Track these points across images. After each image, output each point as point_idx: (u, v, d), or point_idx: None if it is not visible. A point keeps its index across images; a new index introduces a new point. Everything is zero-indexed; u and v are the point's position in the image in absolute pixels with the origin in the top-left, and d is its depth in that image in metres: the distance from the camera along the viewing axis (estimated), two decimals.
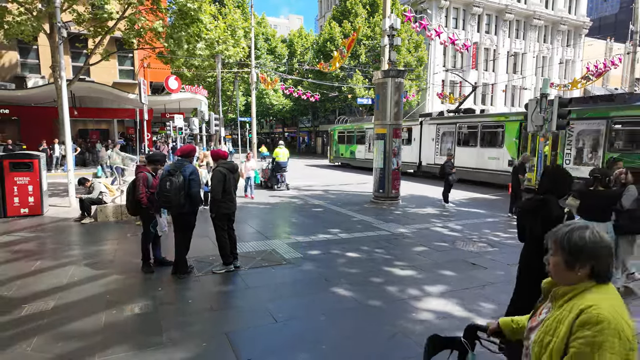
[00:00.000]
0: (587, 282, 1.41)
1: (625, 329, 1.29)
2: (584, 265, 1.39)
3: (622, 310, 1.34)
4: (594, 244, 1.39)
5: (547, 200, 2.89)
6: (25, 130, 20.40)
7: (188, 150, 5.31)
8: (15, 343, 3.49)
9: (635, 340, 1.32)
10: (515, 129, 14.01)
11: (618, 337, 1.26)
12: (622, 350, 1.26)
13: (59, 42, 9.78)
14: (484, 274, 5.40)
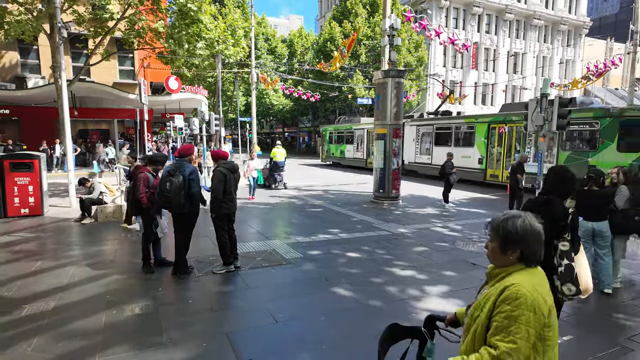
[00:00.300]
0: (518, 265, 1.57)
1: (542, 305, 1.44)
2: (515, 250, 1.54)
3: (542, 290, 1.49)
4: (524, 231, 1.53)
5: (552, 200, 2.89)
6: (26, 130, 20.40)
7: (186, 150, 5.31)
8: (16, 343, 3.49)
9: (553, 318, 1.49)
10: (484, 129, 15.05)
11: (533, 312, 1.41)
12: (537, 325, 1.42)
13: (59, 42, 9.79)
14: (484, 274, 5.39)
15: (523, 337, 1.40)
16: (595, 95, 36.93)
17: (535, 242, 1.55)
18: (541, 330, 1.45)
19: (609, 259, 4.68)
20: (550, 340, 1.49)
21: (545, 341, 1.47)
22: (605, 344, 3.58)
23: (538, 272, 1.57)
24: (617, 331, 3.86)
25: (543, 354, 1.48)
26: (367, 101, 29.59)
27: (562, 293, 2.68)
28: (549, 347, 1.49)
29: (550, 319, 1.47)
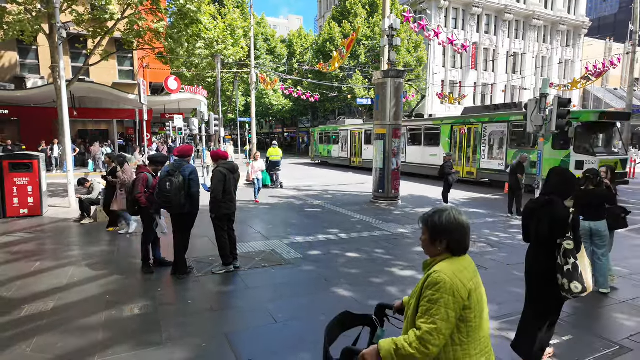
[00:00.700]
0: (445, 254, 1.72)
1: (461, 289, 1.57)
2: (442, 241, 1.70)
3: (462, 275, 1.62)
4: (449, 223, 1.70)
5: (553, 200, 2.93)
6: (25, 130, 20.39)
7: (185, 151, 5.31)
8: (15, 344, 3.49)
9: (474, 301, 1.61)
10: (448, 130, 16.72)
11: (452, 296, 1.55)
12: (456, 307, 1.55)
13: (59, 42, 9.78)
14: (483, 274, 5.39)
15: (442, 318, 1.53)
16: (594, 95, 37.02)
17: (459, 234, 1.72)
18: (462, 312, 1.58)
19: (607, 259, 4.70)
20: (472, 321, 1.60)
21: (467, 322, 1.60)
22: (604, 344, 3.58)
23: (462, 260, 1.72)
24: (617, 331, 3.86)
25: (467, 334, 1.60)
26: (367, 101, 29.62)
27: (570, 291, 2.72)
28: (471, 328, 1.61)
29: (470, 302, 1.59)
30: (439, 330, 1.52)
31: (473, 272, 1.71)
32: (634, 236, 7.51)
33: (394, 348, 1.57)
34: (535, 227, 2.99)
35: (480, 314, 1.64)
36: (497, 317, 4.07)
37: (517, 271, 5.51)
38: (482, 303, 1.67)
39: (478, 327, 1.63)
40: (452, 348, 1.59)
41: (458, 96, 32.32)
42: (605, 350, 3.48)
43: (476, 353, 1.62)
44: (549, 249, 2.89)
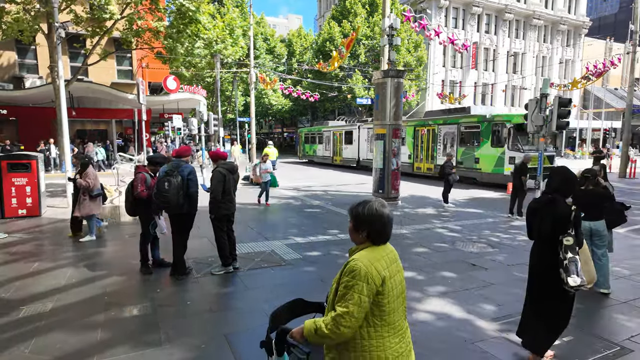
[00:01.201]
0: (367, 243, 1.85)
1: (375, 277, 1.71)
2: (364, 230, 1.82)
3: (378, 264, 1.75)
4: (370, 215, 1.81)
5: (556, 199, 3.03)
6: (23, 130, 20.34)
7: (184, 151, 5.29)
8: (13, 345, 3.47)
9: (387, 288, 1.75)
10: (411, 131, 18.73)
11: (367, 283, 1.69)
12: (369, 293, 1.70)
13: (57, 42, 9.75)
14: (484, 274, 5.39)
15: (355, 302, 1.67)
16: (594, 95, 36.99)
17: (380, 224, 1.81)
18: (375, 298, 1.73)
19: (607, 259, 4.70)
20: (386, 306, 1.76)
21: (380, 307, 1.75)
22: (605, 345, 3.56)
23: (381, 249, 1.84)
24: (617, 332, 3.85)
25: (380, 317, 1.76)
26: (367, 101, 29.62)
27: (567, 284, 2.85)
28: (384, 312, 1.76)
29: (383, 288, 1.74)
30: (351, 314, 1.68)
31: (390, 261, 1.84)
32: (634, 236, 7.50)
33: (314, 328, 1.76)
34: (539, 225, 3.09)
35: (394, 299, 1.79)
36: (497, 317, 4.05)
37: (518, 272, 5.50)
38: (397, 290, 1.82)
39: (391, 311, 1.78)
40: (367, 329, 1.75)
41: (458, 96, 32.29)
42: (605, 351, 3.46)
43: (389, 335, 1.78)
44: (553, 245, 2.97)
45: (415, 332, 3.78)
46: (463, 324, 3.94)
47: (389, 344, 1.77)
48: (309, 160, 29.86)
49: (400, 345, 1.81)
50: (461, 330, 3.79)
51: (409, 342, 1.90)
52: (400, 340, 1.82)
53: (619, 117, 37.70)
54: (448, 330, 3.81)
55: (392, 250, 1.92)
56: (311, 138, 29.47)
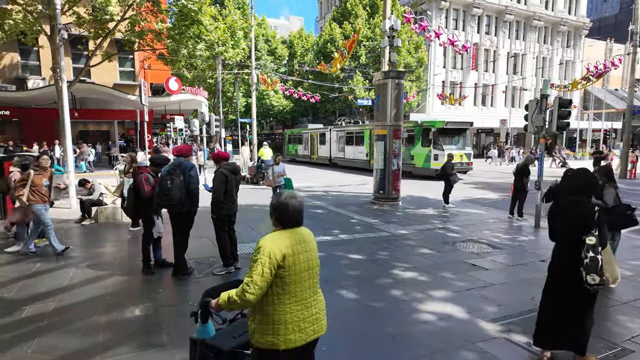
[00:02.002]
0: (278, 227, 2.23)
1: (277, 253, 2.07)
2: (274, 216, 2.23)
3: (281, 243, 2.12)
4: (279, 204, 2.20)
5: (578, 200, 3.10)
6: (26, 131, 20.41)
7: (185, 150, 5.33)
8: (16, 345, 3.49)
9: (288, 263, 2.09)
10: (368, 134, 21.59)
11: (269, 257, 2.05)
12: (271, 266, 2.04)
13: (60, 43, 9.79)
14: (484, 275, 5.39)
15: (258, 273, 2.02)
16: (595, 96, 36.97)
17: (285, 212, 2.20)
18: (277, 271, 2.07)
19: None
20: (287, 278, 2.10)
21: (282, 279, 2.09)
22: (606, 345, 3.57)
23: (289, 232, 2.21)
24: (619, 332, 3.85)
25: (282, 287, 2.10)
26: (368, 102, 29.65)
27: (587, 282, 2.92)
28: (285, 283, 2.10)
29: (284, 263, 2.08)
30: (254, 283, 2.03)
31: (297, 242, 2.19)
32: (635, 237, 7.49)
33: (227, 297, 2.13)
34: (561, 225, 3.14)
35: (296, 274, 2.13)
36: (497, 318, 4.06)
37: (519, 273, 5.51)
38: (301, 266, 2.16)
39: (292, 283, 2.12)
40: (272, 297, 2.10)
41: (459, 97, 32.30)
42: (607, 352, 3.47)
43: (290, 303, 2.12)
44: (575, 246, 3.01)
45: (418, 332, 3.80)
46: (464, 324, 3.95)
47: (290, 310, 2.12)
48: (291, 158, 31.95)
49: (303, 312, 2.17)
50: (462, 331, 3.80)
51: (316, 311, 2.26)
52: (303, 308, 2.17)
53: (619, 118, 37.65)
54: (449, 330, 3.82)
55: (304, 234, 2.29)
56: (293, 139, 32.33)
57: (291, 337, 2.11)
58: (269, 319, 2.10)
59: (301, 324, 2.15)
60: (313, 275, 2.28)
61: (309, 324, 2.19)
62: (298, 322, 2.13)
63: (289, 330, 2.10)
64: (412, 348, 3.50)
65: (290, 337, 2.10)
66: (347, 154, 24.08)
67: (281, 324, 2.09)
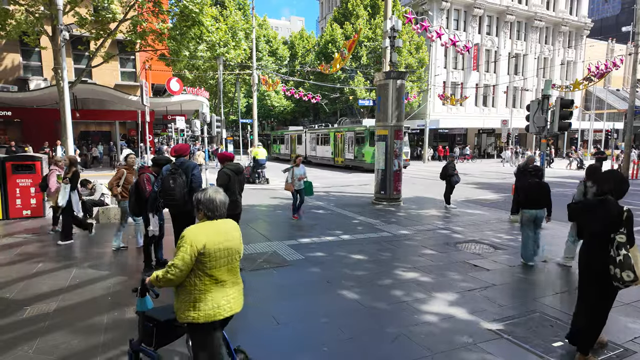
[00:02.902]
0: (204, 219, 2.55)
1: (198, 242, 2.39)
2: (200, 210, 2.54)
3: (202, 232, 2.44)
4: (204, 198, 2.52)
5: (608, 200, 3.19)
6: (28, 132, 20.46)
7: (183, 150, 5.33)
8: (17, 345, 3.49)
9: (211, 250, 2.41)
10: (333, 135, 25.65)
11: (190, 245, 2.37)
12: (192, 252, 2.37)
13: (61, 44, 9.81)
14: (486, 275, 5.38)
15: (180, 258, 2.36)
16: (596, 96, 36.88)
17: (209, 206, 2.51)
18: (198, 256, 2.40)
19: (539, 238, 5.70)
20: (207, 263, 2.42)
21: (202, 263, 2.42)
22: (608, 346, 3.56)
23: (213, 223, 2.53)
24: (621, 333, 3.84)
25: (202, 270, 2.43)
26: (369, 103, 29.65)
27: (621, 279, 2.97)
28: (206, 267, 2.43)
29: (205, 250, 2.40)
30: (176, 266, 2.37)
31: (219, 232, 2.50)
32: (636, 237, 7.47)
33: (156, 275, 2.49)
34: (596, 225, 3.23)
35: (216, 260, 2.45)
36: (499, 319, 4.05)
37: (520, 273, 5.49)
38: (220, 254, 2.47)
39: (212, 267, 2.44)
40: (194, 279, 2.43)
41: (460, 97, 32.26)
42: (609, 352, 3.46)
43: (210, 284, 2.45)
44: (603, 243, 3.11)
45: (419, 332, 3.79)
46: (466, 324, 3.94)
47: (208, 289, 2.45)
48: (275, 157, 34.51)
49: (221, 292, 2.50)
50: (464, 331, 3.79)
51: (233, 292, 2.58)
52: (222, 289, 2.51)
53: (620, 118, 37.59)
54: (451, 331, 3.81)
55: (228, 226, 2.60)
56: (277, 139, 35.90)
57: (210, 312, 2.45)
58: (191, 297, 2.44)
59: (220, 302, 2.48)
60: (232, 262, 2.58)
61: (227, 302, 2.52)
62: (217, 300, 2.47)
63: (207, 307, 2.44)
64: (414, 349, 3.49)
65: (209, 312, 2.44)
66: (317, 152, 28.00)
67: (201, 301, 2.43)
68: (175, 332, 2.89)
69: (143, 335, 2.81)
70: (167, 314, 2.75)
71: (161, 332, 2.77)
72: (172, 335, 2.90)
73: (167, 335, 2.84)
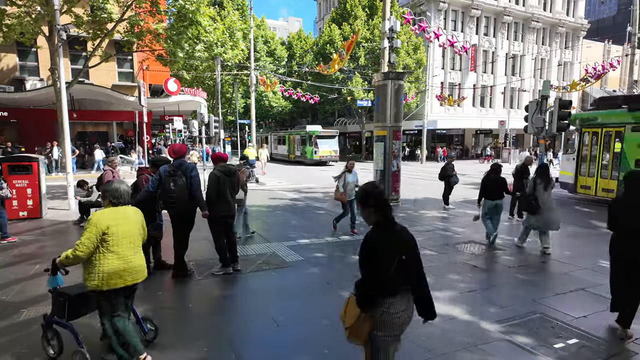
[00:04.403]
0: (109, 205, 3.08)
1: (102, 224, 2.92)
2: (106, 197, 3.08)
3: (106, 216, 2.97)
4: (111, 189, 3.07)
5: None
6: (24, 132, 20.35)
7: (183, 151, 5.30)
8: (14, 348, 3.45)
9: (113, 232, 2.94)
10: (286, 137, 31.57)
11: (95, 226, 2.90)
12: (96, 232, 2.89)
13: (59, 44, 9.75)
14: (486, 276, 5.38)
15: (86, 237, 2.88)
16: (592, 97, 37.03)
17: (115, 194, 3.05)
18: (102, 236, 2.91)
19: (497, 222, 7.08)
20: (110, 242, 2.94)
21: (106, 242, 2.93)
22: (609, 347, 3.56)
23: (117, 209, 3.06)
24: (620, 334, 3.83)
25: (106, 247, 2.94)
26: (367, 103, 29.65)
27: None
28: (109, 244, 2.95)
29: (108, 231, 2.92)
30: (82, 244, 2.87)
31: (119, 217, 3.03)
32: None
33: (65, 255, 2.96)
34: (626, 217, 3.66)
35: (117, 239, 2.97)
36: (499, 320, 4.04)
37: (520, 274, 5.49)
38: (121, 234, 2.99)
39: (114, 245, 2.96)
40: (98, 255, 2.93)
41: (457, 98, 32.30)
42: (610, 353, 3.45)
43: (112, 259, 2.95)
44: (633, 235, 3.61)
45: (420, 334, 3.77)
46: (467, 326, 3.93)
47: (111, 263, 2.94)
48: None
49: (123, 265, 2.98)
50: (465, 333, 3.78)
51: (134, 265, 3.06)
52: (124, 263, 2.99)
53: None
54: (452, 332, 3.80)
55: (129, 211, 3.13)
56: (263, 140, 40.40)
57: (112, 281, 2.94)
58: (96, 269, 2.93)
59: (122, 274, 2.98)
60: (133, 241, 3.10)
61: (129, 274, 3.02)
62: (119, 272, 2.97)
63: (110, 277, 2.93)
64: (414, 350, 3.48)
65: (111, 282, 2.94)
66: (279, 150, 33.58)
67: (104, 273, 2.92)
68: (87, 306, 3.29)
69: (56, 308, 3.21)
70: (78, 290, 3.21)
71: (72, 306, 3.17)
72: (83, 309, 3.30)
73: (78, 308, 3.23)
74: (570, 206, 11.39)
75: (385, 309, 2.36)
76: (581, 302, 4.58)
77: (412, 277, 2.43)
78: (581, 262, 5.93)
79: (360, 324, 2.47)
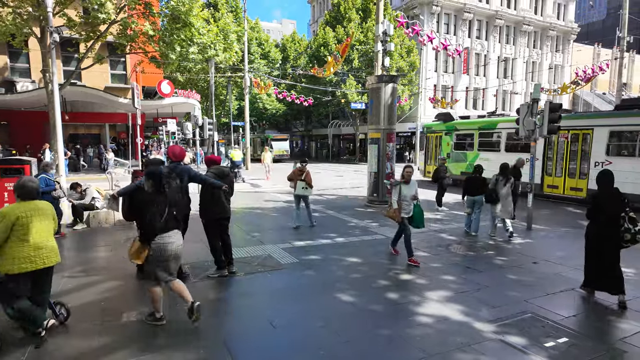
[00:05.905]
0: (19, 199, 3.51)
1: (12, 216, 3.34)
2: (16, 193, 3.53)
3: (15, 209, 3.41)
4: (19, 186, 3.51)
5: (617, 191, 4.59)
6: (15, 135, 20.14)
7: (183, 155, 5.30)
8: (10, 352, 3.43)
9: (22, 223, 3.36)
10: (258, 140, 37.53)
11: (5, 218, 3.32)
12: (7, 224, 3.32)
13: (51, 46, 9.69)
14: (479, 277, 5.45)
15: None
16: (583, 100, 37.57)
17: (22, 191, 3.49)
18: (13, 227, 3.35)
19: (478, 216, 7.95)
20: (19, 233, 3.38)
21: (17, 232, 3.36)
22: (598, 346, 3.63)
23: (26, 203, 3.50)
24: (610, 333, 3.92)
25: (17, 238, 3.36)
26: (361, 106, 29.77)
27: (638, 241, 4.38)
28: (20, 234, 3.38)
29: (17, 222, 3.36)
30: None
31: (30, 209, 3.47)
32: None
33: None
34: (614, 208, 4.46)
35: (29, 229, 3.41)
36: (492, 320, 4.10)
37: (512, 274, 5.57)
38: (32, 224, 3.43)
39: (25, 234, 3.39)
40: (10, 243, 3.35)
41: (450, 100, 32.58)
42: (598, 352, 3.53)
43: (23, 247, 3.38)
44: (617, 220, 4.42)
45: (414, 334, 3.82)
46: (460, 326, 3.99)
47: (22, 250, 3.37)
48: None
49: (34, 252, 3.43)
50: (458, 333, 3.84)
51: (45, 251, 3.51)
52: (36, 249, 3.44)
53: None
54: (445, 333, 3.85)
55: (39, 205, 3.58)
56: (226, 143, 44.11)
57: (23, 265, 3.36)
58: (8, 255, 3.34)
59: (33, 259, 3.42)
60: (45, 230, 3.55)
61: (40, 259, 3.47)
62: (30, 257, 3.41)
63: (22, 262, 3.36)
64: (408, 350, 3.53)
65: (22, 265, 3.36)
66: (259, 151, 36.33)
67: (16, 258, 3.35)
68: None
69: None
70: None
71: None
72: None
73: None
74: (560, 208, 11.56)
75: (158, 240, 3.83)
76: (571, 302, 4.67)
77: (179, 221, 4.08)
78: (571, 263, 6.04)
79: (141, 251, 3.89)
